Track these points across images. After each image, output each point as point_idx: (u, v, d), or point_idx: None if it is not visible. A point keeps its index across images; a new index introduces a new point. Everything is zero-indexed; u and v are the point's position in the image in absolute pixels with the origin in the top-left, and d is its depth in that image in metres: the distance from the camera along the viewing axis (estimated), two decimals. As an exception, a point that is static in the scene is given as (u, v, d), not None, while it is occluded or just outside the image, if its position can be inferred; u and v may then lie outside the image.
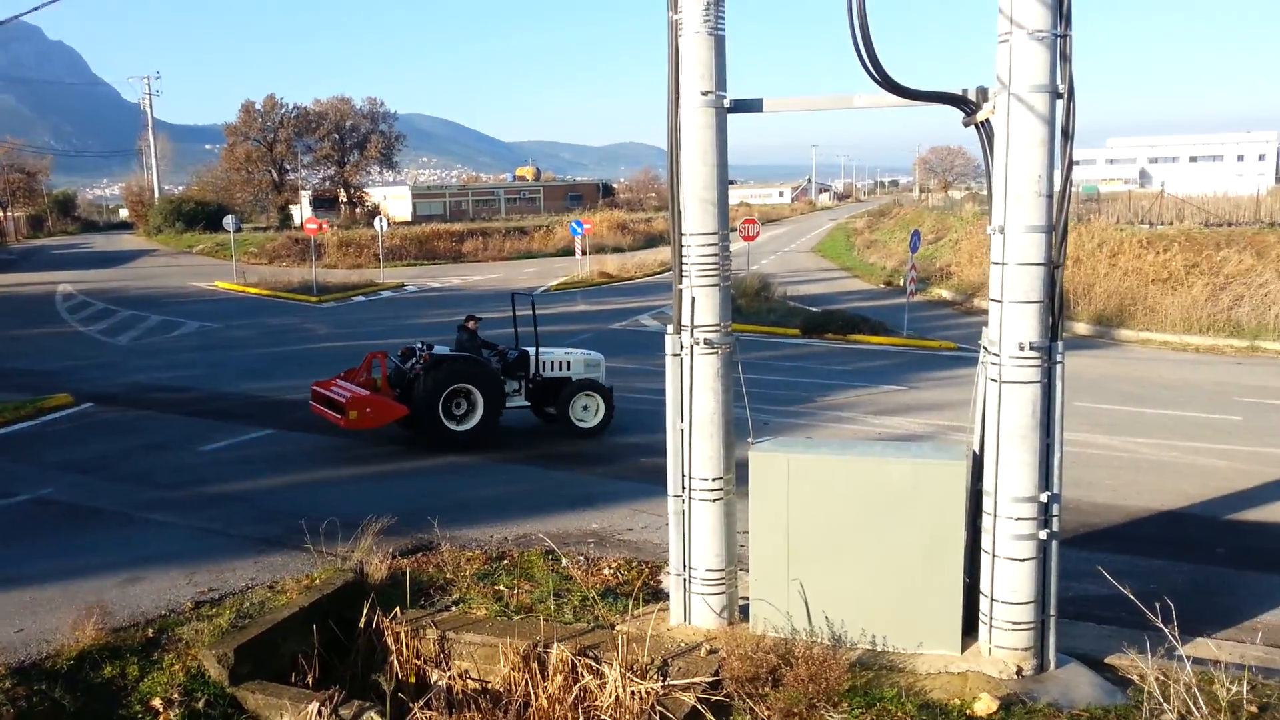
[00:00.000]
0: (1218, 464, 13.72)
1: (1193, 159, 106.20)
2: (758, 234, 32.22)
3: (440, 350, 14.85)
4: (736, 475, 7.92)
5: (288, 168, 68.35)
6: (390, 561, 9.07)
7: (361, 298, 35.27)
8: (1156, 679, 7.26)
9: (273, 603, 8.44)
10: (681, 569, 7.93)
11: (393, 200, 71.75)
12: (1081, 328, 25.53)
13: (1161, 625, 6.60)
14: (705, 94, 7.26)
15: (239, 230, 42.58)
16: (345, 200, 69.52)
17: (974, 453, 7.40)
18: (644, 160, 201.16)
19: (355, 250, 47.07)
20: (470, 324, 15.01)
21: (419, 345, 15.08)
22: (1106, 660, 7.73)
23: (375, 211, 57.44)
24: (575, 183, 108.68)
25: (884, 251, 45.84)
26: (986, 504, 7.13)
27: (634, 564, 9.78)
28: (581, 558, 9.92)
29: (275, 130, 66.70)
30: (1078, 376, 19.53)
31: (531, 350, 15.39)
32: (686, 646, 7.57)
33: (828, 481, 7.51)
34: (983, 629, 7.31)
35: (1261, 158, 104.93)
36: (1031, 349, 6.74)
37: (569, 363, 15.48)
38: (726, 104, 7.38)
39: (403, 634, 7.93)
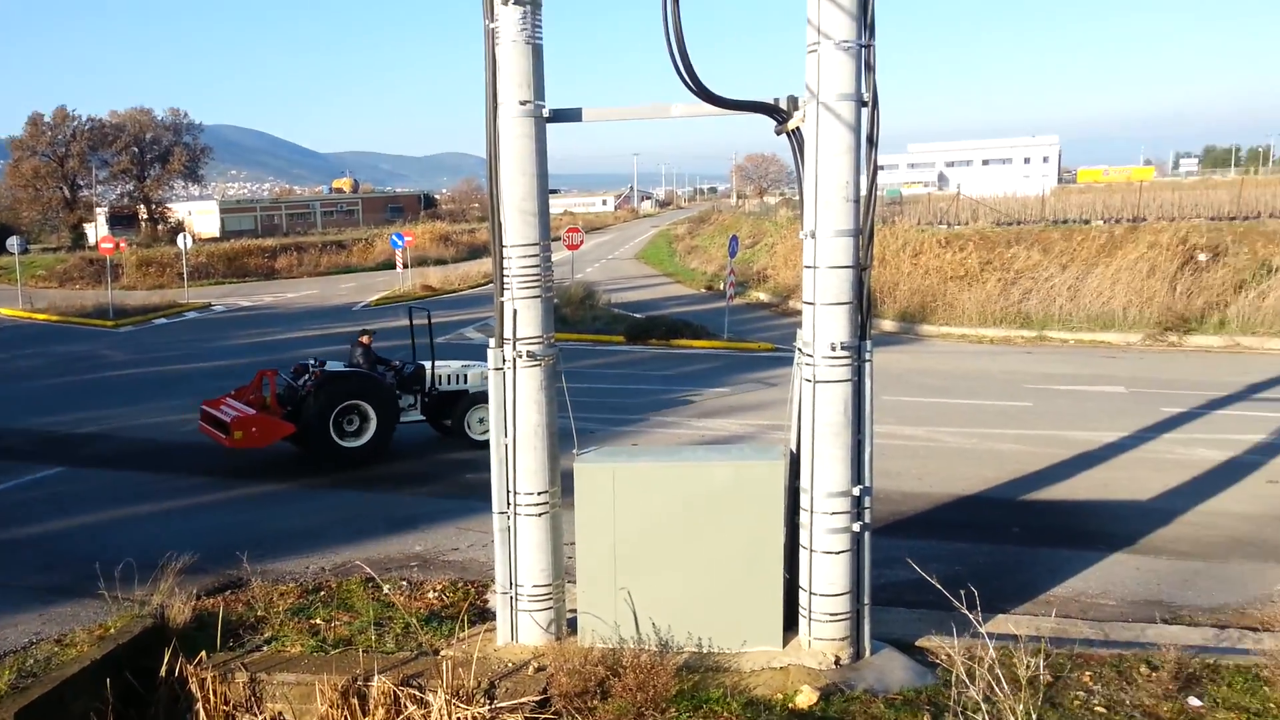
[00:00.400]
0: (1013, 448, 14.66)
1: (985, 162, 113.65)
2: (581, 242, 32.35)
3: (334, 366, 14.65)
4: (562, 487, 7.85)
5: (81, 183, 63.84)
6: (194, 603, 8.49)
7: (164, 320, 33.23)
8: (962, 658, 7.66)
9: (60, 657, 7.75)
10: (508, 586, 7.79)
11: (199, 216, 68.20)
12: (888, 324, 26.86)
13: (964, 609, 6.90)
14: (524, 104, 7.16)
15: (25, 251, 39.39)
16: (146, 217, 65.52)
17: (792, 451, 7.60)
18: (466, 170, 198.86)
19: (157, 270, 44.40)
20: (364, 339, 14.89)
21: (312, 361, 14.82)
22: (917, 643, 8.09)
23: (179, 228, 54.34)
24: (396, 194, 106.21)
25: (704, 257, 46.89)
26: (804, 500, 7.33)
27: (460, 585, 9.54)
28: (404, 583, 9.60)
29: (67, 144, 62.14)
30: (885, 371, 20.45)
31: (428, 364, 15.23)
32: (514, 666, 7.43)
33: (652, 489, 7.55)
34: (802, 622, 7.51)
35: (1046, 160, 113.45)
36: (843, 348, 6.98)
37: (466, 375, 15.38)
38: (545, 114, 7.31)
39: (209, 679, 7.43)
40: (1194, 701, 7.06)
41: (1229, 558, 10.51)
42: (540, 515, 7.66)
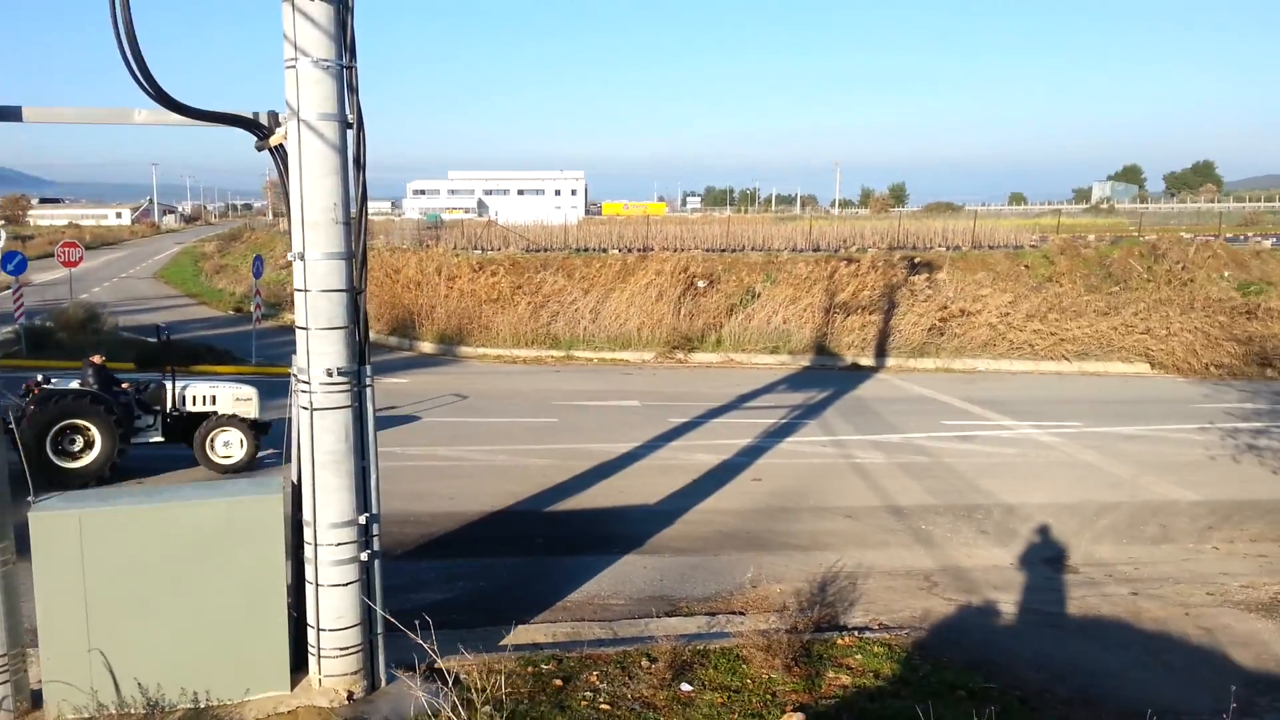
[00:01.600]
0: (540, 462, 15.29)
1: (520, 192, 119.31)
2: (81, 259, 28.56)
3: (62, 384, 14.28)
4: (17, 541, 6.69)
5: None
6: None
7: None
8: (480, 672, 7.72)
9: None
10: (-55, 667, 6.46)
11: None
12: (427, 346, 26.94)
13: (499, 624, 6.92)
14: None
15: None
16: None
17: (294, 483, 7.16)
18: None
19: None
20: (95, 359, 14.50)
21: (38, 378, 14.40)
22: (438, 665, 8.00)
23: None
24: None
25: (235, 276, 43.79)
26: (307, 534, 6.92)
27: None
28: None
29: None
30: (423, 393, 20.55)
31: (170, 383, 14.77)
32: (-48, 762, 6.17)
33: (132, 535, 6.68)
34: (312, 661, 7.10)
35: (574, 192, 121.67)
36: (340, 374, 6.69)
37: (214, 396, 14.93)
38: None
39: None
40: (685, 687, 7.72)
41: (721, 550, 11.76)
42: (-9, 576, 6.46)
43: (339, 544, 6.82)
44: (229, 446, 14.67)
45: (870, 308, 27.23)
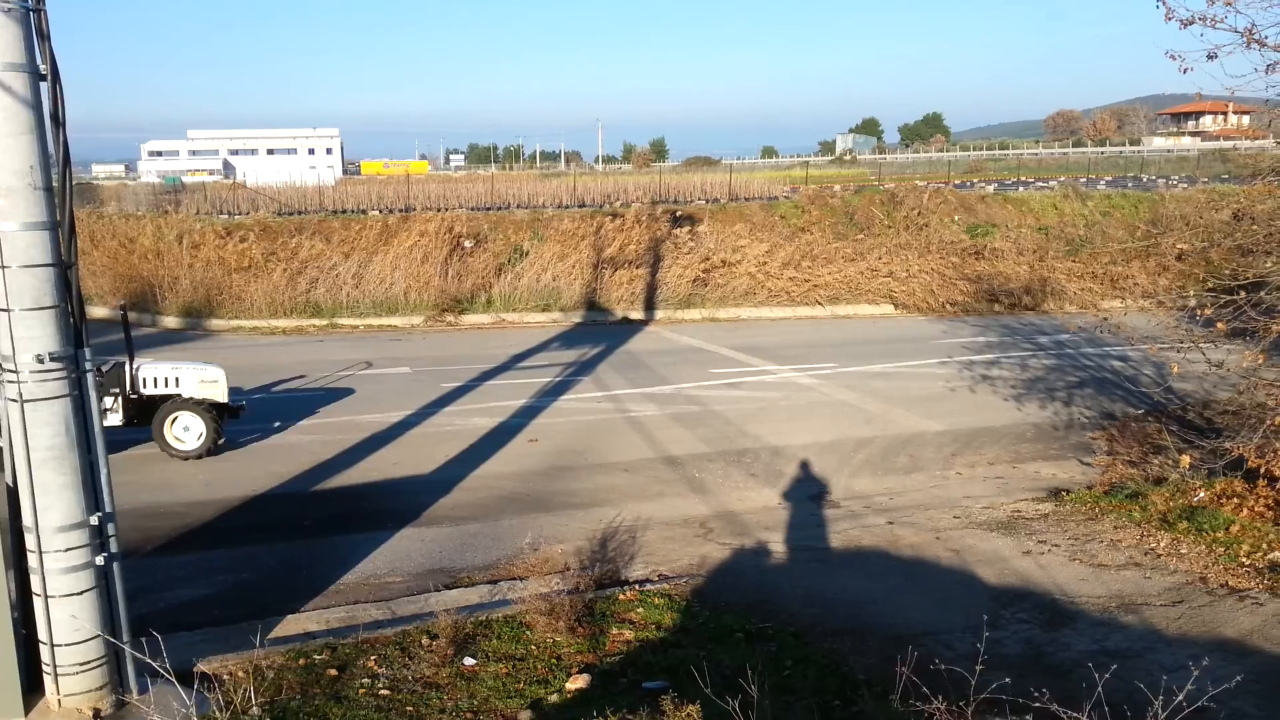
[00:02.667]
0: (305, 439, 14.49)
1: (270, 151, 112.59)
2: None
3: None
4: None
5: None
6: None
7: None
8: (246, 672, 7.20)
9: None
10: None
11: None
12: (171, 321, 24.97)
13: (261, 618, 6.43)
14: None
15: None
16: None
17: (9, 486, 6.33)
18: None
19: None
20: None
21: None
22: (199, 667, 7.41)
23: None
24: None
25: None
26: (30, 541, 6.15)
27: None
28: None
29: None
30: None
31: (128, 363, 13.73)
32: None
33: None
34: (48, 680, 6.36)
35: (330, 151, 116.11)
36: (53, 360, 5.93)
37: (177, 379, 13.81)
38: None
39: None
40: (469, 661, 7.53)
41: (501, 515, 11.58)
42: None
43: (68, 549, 6.10)
44: (188, 432, 13.54)
45: (637, 262, 27.60)
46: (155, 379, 14.03)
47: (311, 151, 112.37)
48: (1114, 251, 26.22)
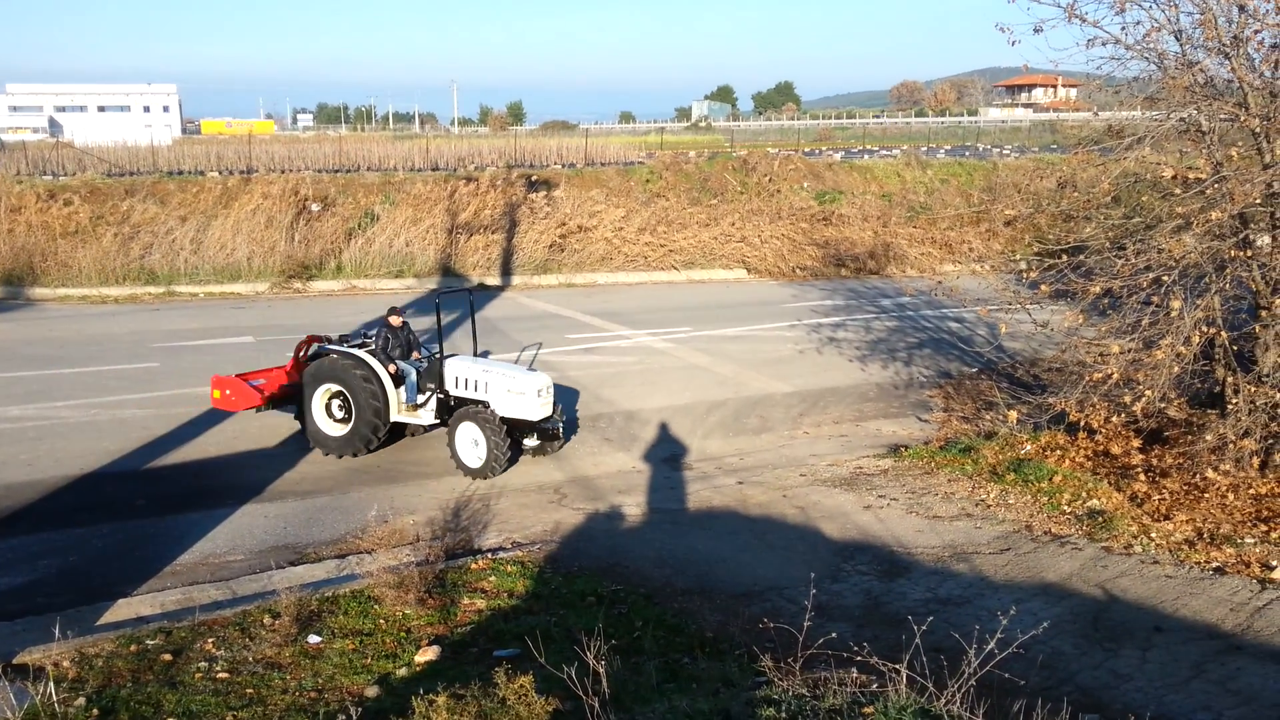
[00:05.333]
0: (138, 414, 13.77)
1: (101, 109, 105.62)
2: None
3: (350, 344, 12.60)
4: None
5: None
6: None
7: None
8: (73, 660, 6.85)
9: None
10: None
11: None
12: (-12, 290, 23.23)
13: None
14: None
15: None
16: None
17: None
18: None
19: None
20: (392, 319, 12.65)
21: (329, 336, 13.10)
22: (17, 660, 7.01)
23: None
24: None
25: None
26: None
27: None
28: None
29: None
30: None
31: (451, 359, 12.36)
32: None
33: None
34: None
35: (166, 109, 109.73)
36: None
37: (488, 384, 11.93)
38: None
39: None
40: (314, 639, 7.35)
41: (350, 488, 11.32)
42: None
43: None
44: (477, 446, 11.71)
45: (493, 227, 27.21)
46: (463, 380, 12.26)
47: (147, 109, 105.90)
48: (950, 217, 27.43)
